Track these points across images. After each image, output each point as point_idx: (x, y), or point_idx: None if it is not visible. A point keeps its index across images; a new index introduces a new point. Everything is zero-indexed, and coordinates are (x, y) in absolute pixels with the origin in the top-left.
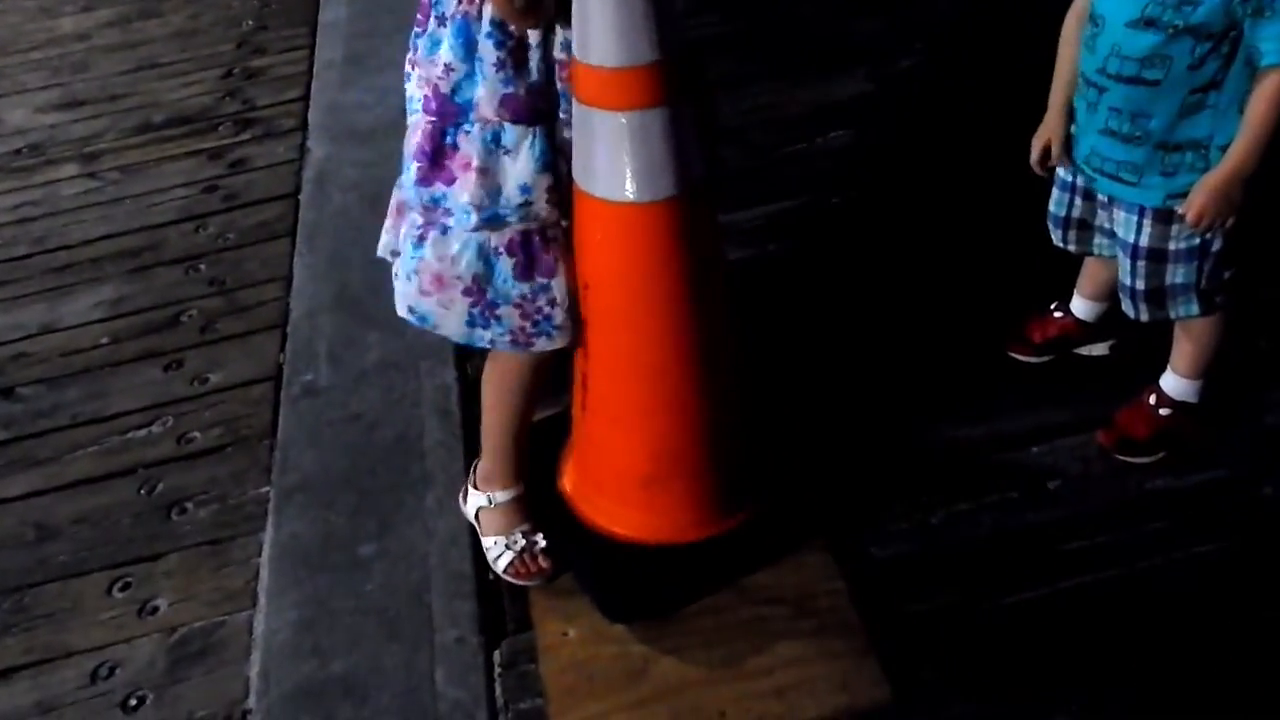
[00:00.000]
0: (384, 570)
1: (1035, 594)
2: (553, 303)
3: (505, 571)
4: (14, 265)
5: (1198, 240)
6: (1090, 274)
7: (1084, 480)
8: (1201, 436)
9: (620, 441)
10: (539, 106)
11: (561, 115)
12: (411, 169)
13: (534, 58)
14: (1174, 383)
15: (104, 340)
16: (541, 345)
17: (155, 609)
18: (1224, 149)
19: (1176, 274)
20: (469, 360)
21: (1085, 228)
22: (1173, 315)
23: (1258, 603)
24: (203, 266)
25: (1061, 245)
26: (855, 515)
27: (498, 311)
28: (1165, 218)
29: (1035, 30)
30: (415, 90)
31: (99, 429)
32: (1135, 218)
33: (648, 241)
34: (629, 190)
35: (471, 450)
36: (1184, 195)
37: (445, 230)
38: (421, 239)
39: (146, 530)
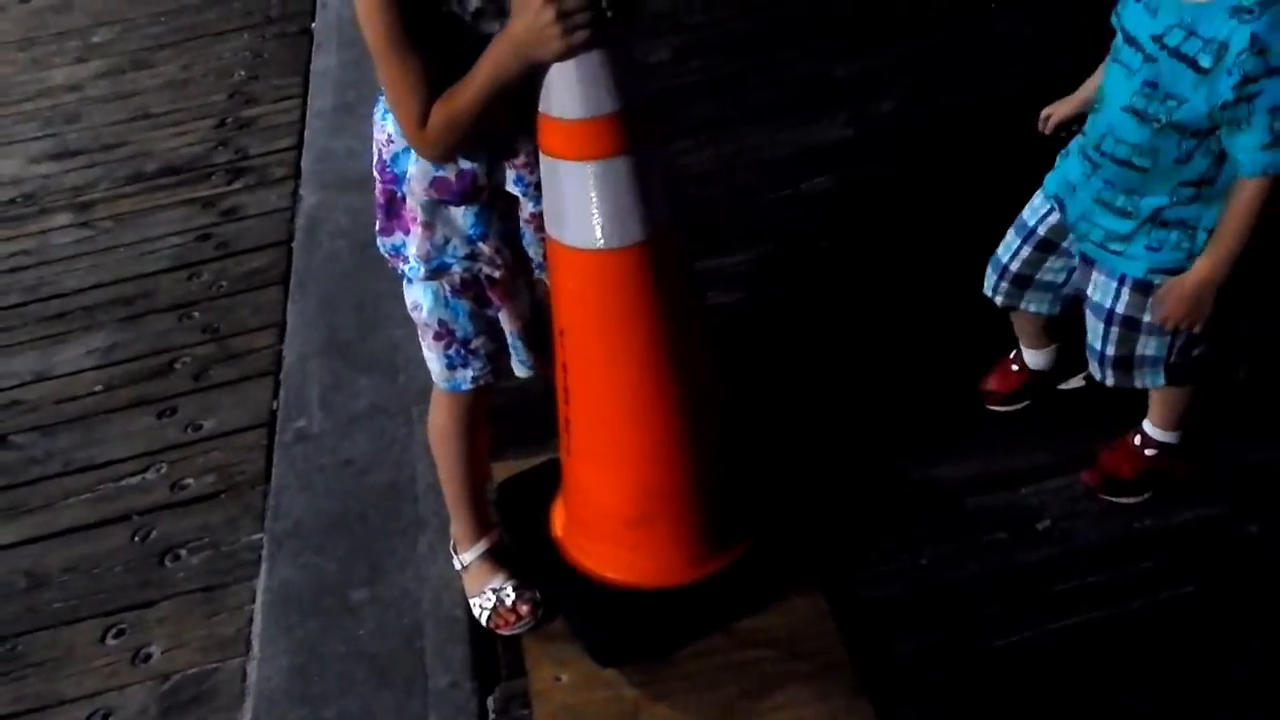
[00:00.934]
0: (376, 616)
1: (1025, 635)
2: (498, 347)
3: (489, 625)
4: (7, 314)
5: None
6: (1021, 328)
7: (1071, 520)
8: (1187, 474)
9: (604, 484)
10: (473, 187)
11: (512, 186)
12: (376, 221)
13: None
14: (1154, 430)
15: (97, 387)
16: (521, 372)
17: (148, 656)
18: (1210, 232)
19: (1148, 345)
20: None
21: (1023, 283)
22: (1138, 384)
23: (1245, 642)
24: (196, 314)
25: (989, 294)
26: (845, 556)
27: (472, 346)
28: (1145, 289)
29: (1013, 70)
30: (375, 147)
31: (92, 476)
32: (1115, 284)
33: (619, 287)
34: (598, 238)
35: None
36: (1166, 270)
37: (409, 280)
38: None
39: (139, 577)
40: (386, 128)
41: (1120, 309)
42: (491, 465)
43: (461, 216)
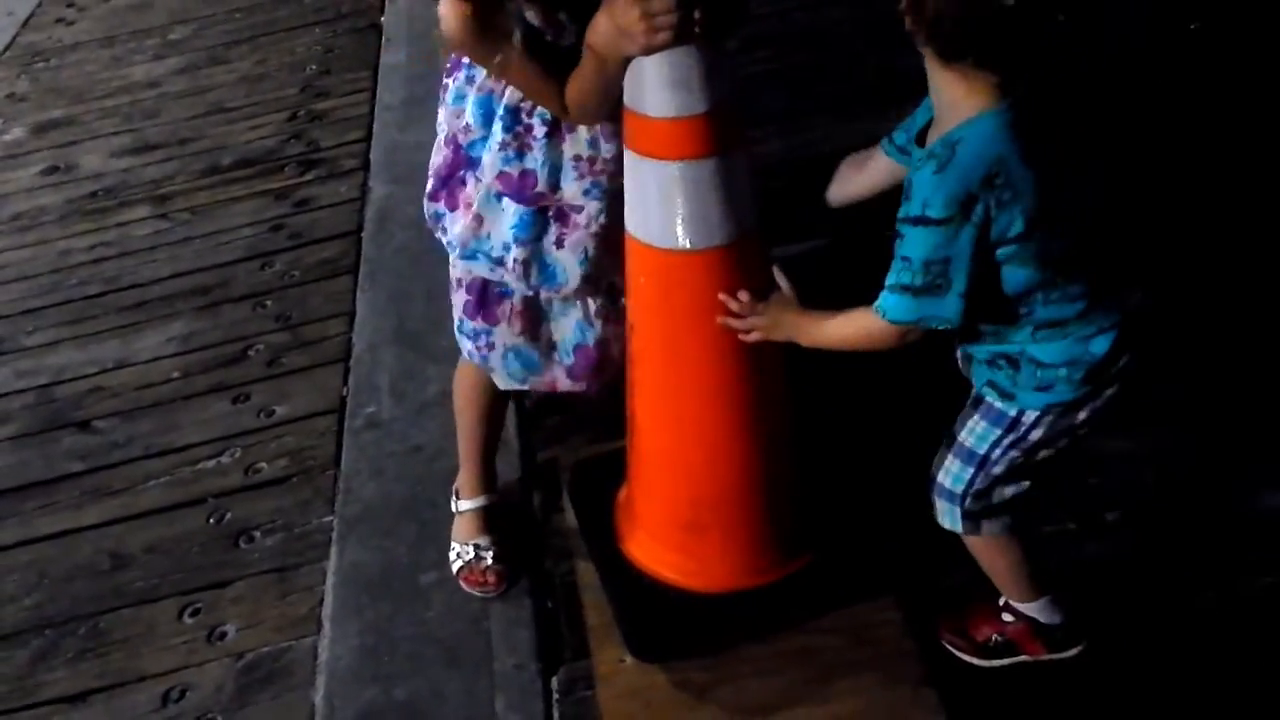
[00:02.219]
0: (444, 599)
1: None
2: (490, 346)
3: (456, 575)
4: (89, 303)
5: (983, 449)
6: None
7: (1141, 510)
8: (1047, 657)
9: (661, 485)
10: (532, 192)
11: (567, 203)
12: (428, 182)
13: (537, 147)
14: (1022, 605)
15: (175, 375)
16: (495, 378)
17: (224, 635)
18: (1036, 372)
19: (950, 472)
20: (526, 393)
21: None
22: (940, 521)
23: None
24: (269, 303)
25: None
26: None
27: (464, 329)
28: (975, 403)
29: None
30: (442, 122)
31: (170, 460)
32: None
33: (695, 289)
34: (679, 238)
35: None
36: (1001, 391)
37: (450, 245)
38: None
39: (215, 558)
40: (466, 117)
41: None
42: (558, 449)
43: (511, 214)
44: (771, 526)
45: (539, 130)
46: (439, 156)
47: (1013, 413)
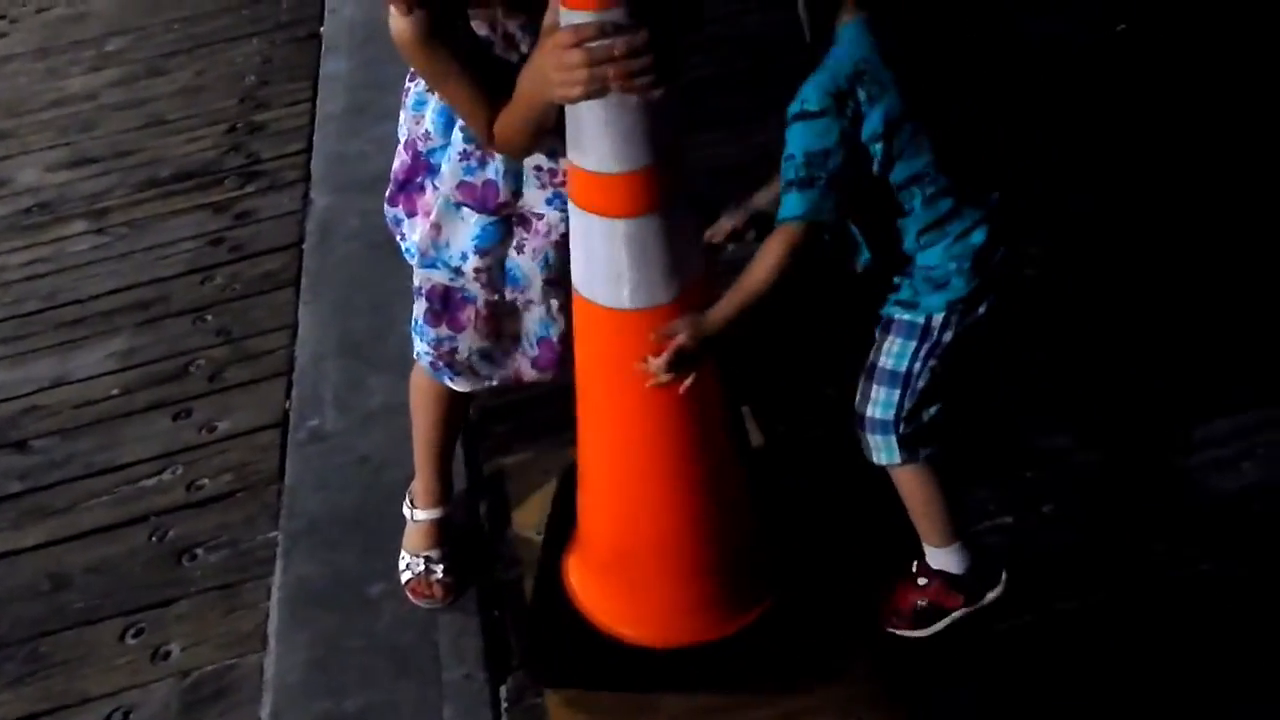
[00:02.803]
0: (393, 609)
1: (1033, 618)
2: (454, 352)
3: (404, 586)
4: (25, 321)
5: (904, 365)
6: None
7: (1077, 505)
8: (968, 610)
9: (602, 530)
10: (496, 202)
11: (528, 210)
12: (388, 186)
13: (499, 157)
14: (930, 552)
15: (114, 391)
16: (444, 382)
17: (168, 654)
18: (929, 275)
19: (876, 402)
20: (473, 401)
21: None
22: (874, 459)
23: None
24: (210, 317)
25: None
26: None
27: (424, 332)
28: (885, 326)
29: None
30: (402, 125)
31: (111, 479)
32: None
33: (639, 347)
34: (625, 298)
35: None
36: (905, 304)
37: (408, 251)
38: None
39: (158, 577)
40: (426, 124)
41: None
42: (505, 460)
43: (474, 224)
44: (711, 585)
45: None
46: (398, 161)
47: (921, 320)
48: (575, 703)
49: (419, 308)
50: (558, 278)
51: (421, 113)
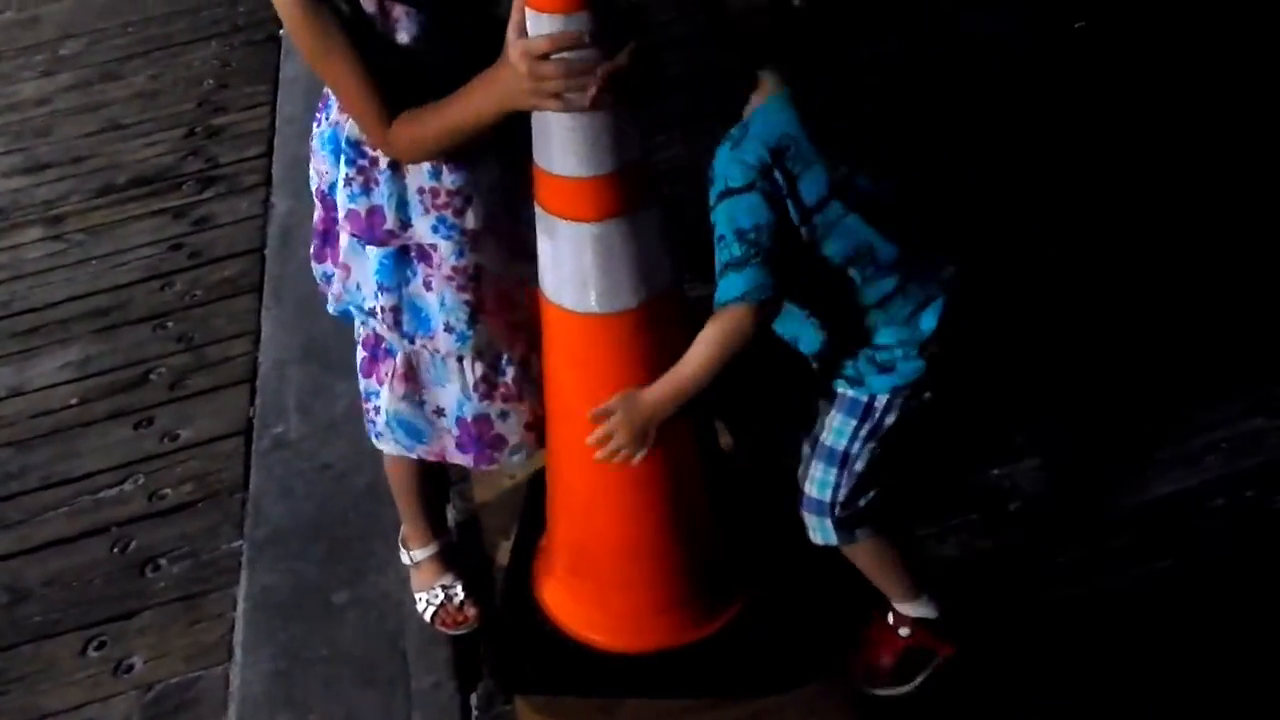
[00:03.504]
0: (358, 618)
1: (1004, 615)
2: (376, 410)
3: (433, 623)
4: None
5: (843, 444)
6: None
7: (1042, 501)
8: (955, 650)
9: (572, 541)
10: (382, 230)
11: (423, 240)
12: (311, 243)
13: (382, 180)
14: (904, 606)
15: (73, 401)
16: (376, 442)
17: (130, 667)
18: (875, 357)
19: (814, 480)
20: None
21: None
22: (812, 538)
23: (1225, 614)
24: (170, 324)
25: None
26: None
27: (367, 396)
28: (830, 398)
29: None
30: (312, 173)
31: (70, 489)
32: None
33: (606, 350)
34: (591, 302)
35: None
36: (850, 380)
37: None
38: None
39: (120, 589)
40: (325, 156)
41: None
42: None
43: (373, 259)
44: (679, 587)
45: (382, 162)
46: (316, 213)
47: (864, 399)
48: (545, 709)
49: (358, 357)
50: (469, 333)
51: (324, 150)
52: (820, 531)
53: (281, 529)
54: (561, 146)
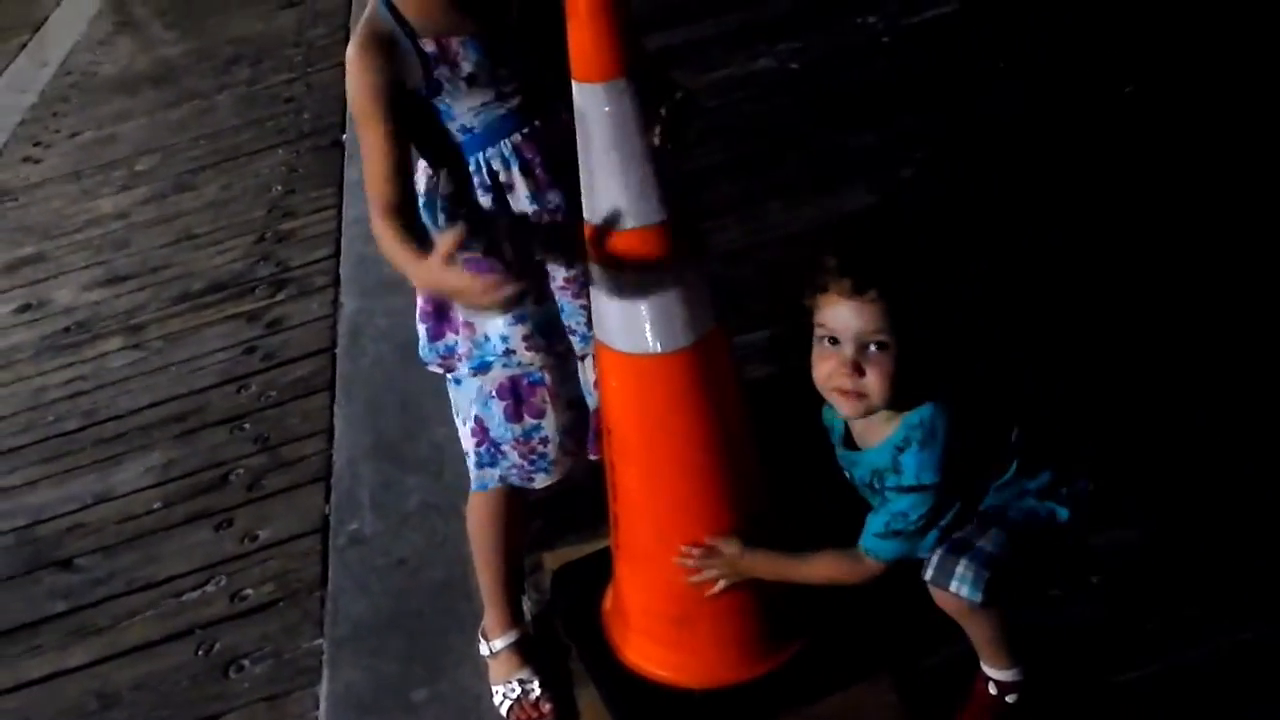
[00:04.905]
0: (436, 714)
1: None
2: (545, 441)
3: (508, 716)
4: (67, 439)
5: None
6: None
7: (1124, 572)
8: (1056, 700)
9: (647, 582)
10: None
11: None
12: (421, 332)
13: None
14: (997, 672)
15: (155, 505)
16: (541, 481)
17: None
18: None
19: (993, 540)
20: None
21: None
22: (956, 588)
23: None
24: (246, 425)
25: None
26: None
27: (501, 449)
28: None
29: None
30: None
31: (154, 593)
32: None
33: (665, 392)
34: (646, 343)
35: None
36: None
37: (458, 381)
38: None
39: (205, 691)
40: (428, 226)
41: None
42: (545, 554)
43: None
44: (761, 615)
45: (485, 200)
46: (418, 304)
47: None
48: None
49: (492, 417)
50: (584, 330)
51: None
52: (968, 584)
53: (361, 626)
54: (609, 199)
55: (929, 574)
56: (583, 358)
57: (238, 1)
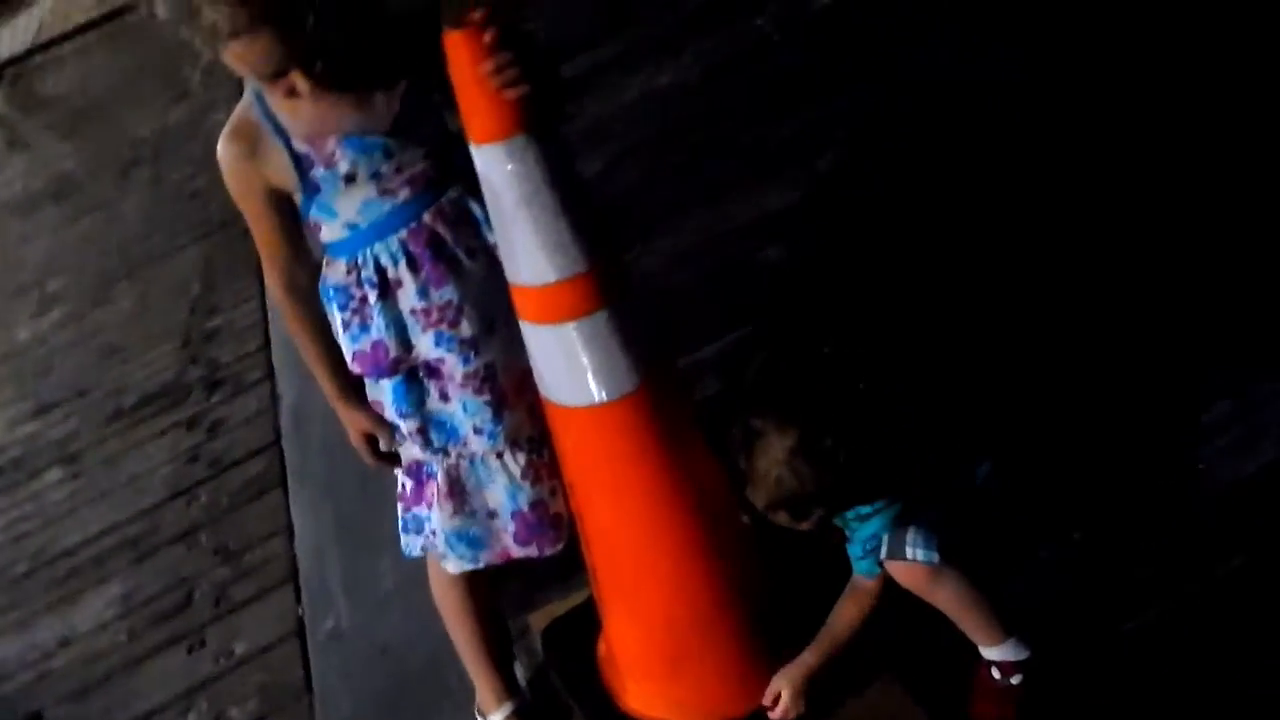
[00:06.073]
0: None
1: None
2: (433, 532)
3: None
4: (18, 586)
5: None
6: None
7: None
8: (1062, 679)
9: (636, 625)
10: (389, 360)
11: (427, 358)
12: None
13: (376, 313)
14: (993, 651)
15: (121, 638)
16: (453, 566)
17: None
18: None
19: (929, 511)
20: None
21: None
22: (907, 555)
23: None
24: (203, 538)
25: None
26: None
27: (419, 521)
28: None
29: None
30: None
31: None
32: None
33: (619, 437)
34: (591, 394)
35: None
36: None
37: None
38: None
39: None
40: (331, 311)
41: None
42: (530, 615)
43: (387, 390)
44: (755, 638)
45: (371, 296)
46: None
47: None
48: None
49: (401, 489)
50: (498, 430)
51: (330, 304)
52: (924, 547)
53: None
54: (530, 258)
55: (883, 554)
56: (499, 455)
57: (129, 102)
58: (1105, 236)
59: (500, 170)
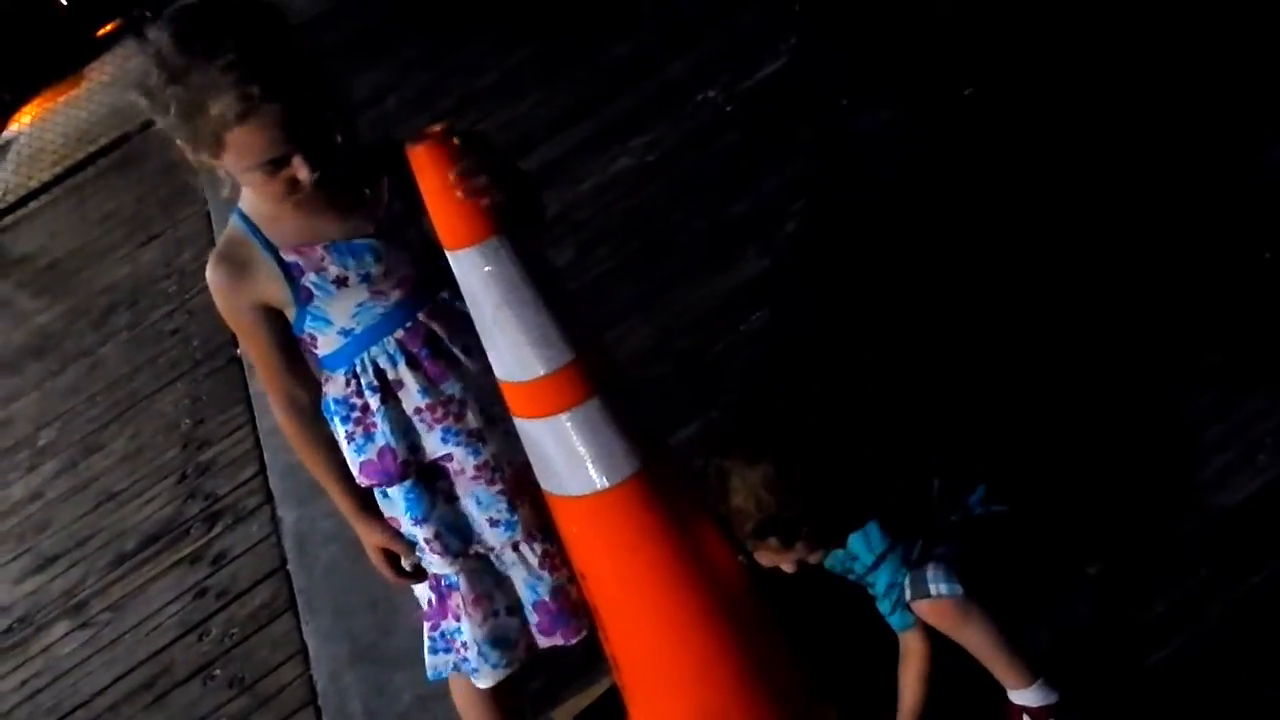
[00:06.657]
0: None
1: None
2: (465, 645)
3: None
4: None
5: None
6: None
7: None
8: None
9: (665, 712)
10: (398, 465)
11: (434, 458)
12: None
13: (379, 419)
14: (1023, 695)
15: None
16: (484, 680)
17: None
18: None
19: (943, 547)
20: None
21: None
22: (931, 592)
23: None
24: (217, 673)
25: None
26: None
27: (448, 639)
28: None
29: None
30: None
31: None
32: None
33: (625, 521)
34: (592, 482)
35: None
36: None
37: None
38: None
39: None
40: (335, 427)
41: None
42: (554, 712)
43: (399, 499)
44: (789, 700)
45: (373, 401)
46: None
47: None
48: None
49: (426, 606)
50: (512, 520)
51: (333, 420)
52: (945, 580)
53: None
54: (513, 354)
55: (908, 596)
56: (515, 546)
57: (99, 252)
58: (1075, 274)
59: (477, 273)
